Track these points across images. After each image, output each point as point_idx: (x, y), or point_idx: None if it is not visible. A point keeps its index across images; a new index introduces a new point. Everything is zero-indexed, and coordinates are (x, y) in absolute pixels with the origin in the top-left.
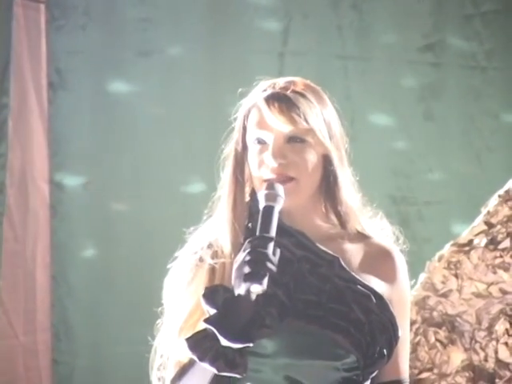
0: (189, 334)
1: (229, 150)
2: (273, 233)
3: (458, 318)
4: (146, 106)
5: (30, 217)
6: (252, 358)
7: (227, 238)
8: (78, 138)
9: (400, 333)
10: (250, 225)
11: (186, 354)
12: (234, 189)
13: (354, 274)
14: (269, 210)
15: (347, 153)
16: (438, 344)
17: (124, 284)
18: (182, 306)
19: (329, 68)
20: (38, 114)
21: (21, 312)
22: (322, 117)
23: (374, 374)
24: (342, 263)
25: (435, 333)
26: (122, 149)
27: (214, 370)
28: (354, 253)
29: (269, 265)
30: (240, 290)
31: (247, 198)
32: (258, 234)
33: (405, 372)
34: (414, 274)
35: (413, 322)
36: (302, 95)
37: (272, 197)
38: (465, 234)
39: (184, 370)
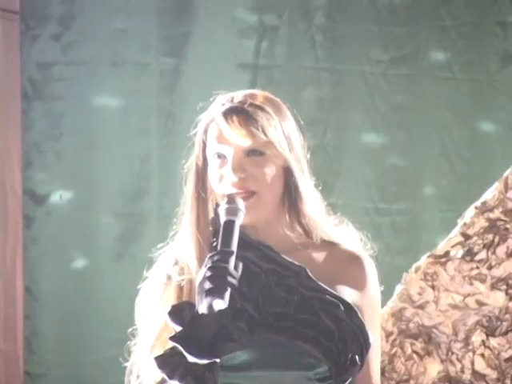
0: (159, 352)
1: (189, 164)
2: (234, 247)
3: (434, 330)
4: (121, 116)
5: (9, 226)
6: (224, 373)
7: (192, 255)
8: (52, 148)
9: (371, 339)
10: (214, 240)
11: (157, 373)
12: (197, 204)
13: (320, 283)
14: (229, 225)
15: (308, 163)
16: (414, 355)
17: (99, 295)
18: (152, 324)
19: (302, 79)
20: (13, 124)
21: (1, 320)
22: (281, 129)
23: (347, 382)
24: (309, 273)
25: (412, 344)
26: (95, 159)
27: None
28: (321, 261)
29: (229, 279)
30: (202, 305)
31: (211, 213)
32: (218, 248)
33: (377, 380)
34: (387, 284)
35: (389, 334)
36: (261, 108)
37: (232, 211)
38: (441, 246)
39: None
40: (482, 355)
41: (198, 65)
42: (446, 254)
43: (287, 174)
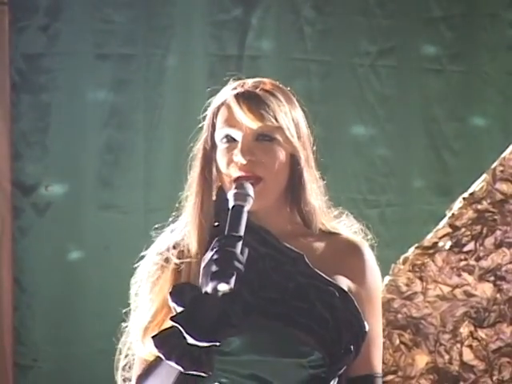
0: (155, 333)
1: (197, 148)
2: (241, 232)
3: (422, 321)
4: (109, 107)
5: None
6: (218, 357)
7: (194, 238)
8: (40, 139)
9: (367, 328)
10: (216, 224)
11: (153, 352)
12: (202, 188)
13: (317, 271)
14: (238, 210)
15: (314, 154)
16: (402, 347)
17: (88, 287)
18: (147, 305)
19: (291, 71)
20: (1, 116)
21: None
22: (290, 116)
23: (341, 371)
24: (307, 260)
25: (400, 335)
26: (83, 150)
27: (179, 369)
28: (320, 250)
29: (236, 264)
30: (207, 288)
31: (214, 197)
32: (226, 233)
33: (377, 367)
34: None
35: None
36: (272, 94)
37: (241, 196)
38: (429, 237)
39: (150, 369)
40: (470, 346)
41: (183, 56)
42: (434, 245)
43: (293, 161)
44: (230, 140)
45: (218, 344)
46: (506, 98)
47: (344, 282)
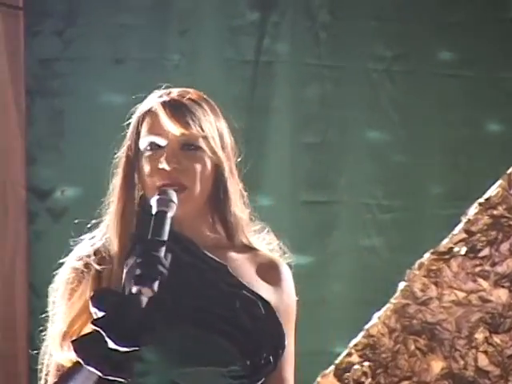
0: (73, 338)
1: (119, 156)
2: (165, 237)
3: (437, 326)
4: (124, 112)
5: (9, 223)
6: (139, 363)
7: (115, 244)
8: (55, 144)
9: (286, 342)
10: (137, 231)
11: (71, 358)
12: (124, 195)
13: (241, 280)
14: (161, 215)
15: (237, 167)
16: (417, 352)
17: None
18: (66, 311)
19: (305, 76)
20: (16, 120)
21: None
22: (215, 126)
23: (260, 382)
24: (230, 270)
25: (415, 341)
26: (98, 154)
27: (98, 374)
28: (241, 263)
29: (160, 268)
30: (131, 292)
31: (136, 205)
32: (150, 237)
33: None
34: (389, 281)
35: (392, 330)
36: (197, 103)
37: (164, 202)
38: (445, 243)
39: (67, 375)
40: (485, 352)
41: (199, 61)
42: (450, 250)
43: (218, 172)
44: (155, 148)
45: (137, 349)
46: None
47: (264, 294)
